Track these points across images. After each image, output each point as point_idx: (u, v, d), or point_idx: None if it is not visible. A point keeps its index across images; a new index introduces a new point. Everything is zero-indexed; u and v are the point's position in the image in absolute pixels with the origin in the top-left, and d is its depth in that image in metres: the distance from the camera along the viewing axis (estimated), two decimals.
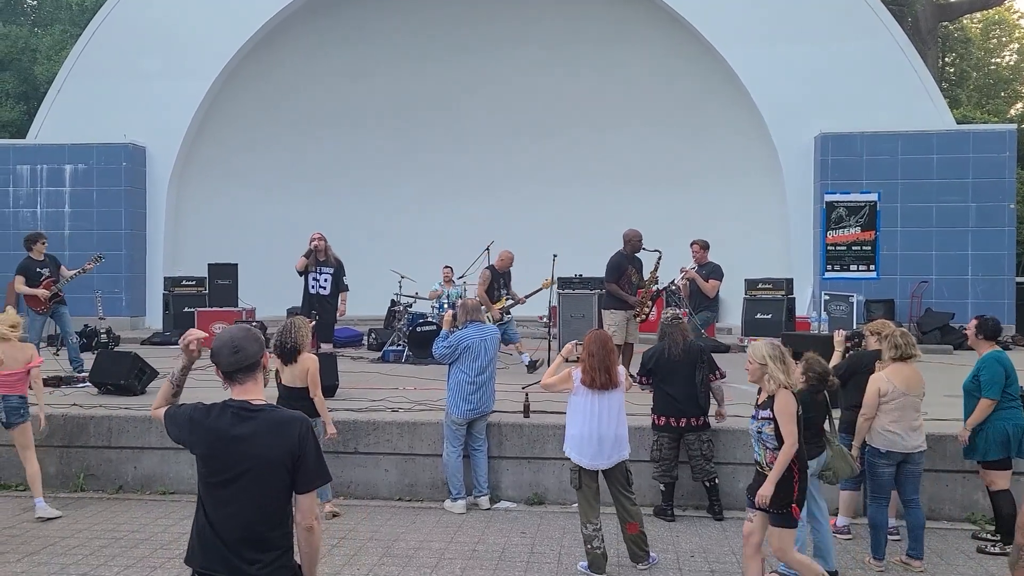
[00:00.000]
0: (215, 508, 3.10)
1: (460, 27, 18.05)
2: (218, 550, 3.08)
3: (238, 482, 3.06)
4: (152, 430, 7.91)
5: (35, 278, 10.16)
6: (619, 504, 5.87)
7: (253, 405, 3.15)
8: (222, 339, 3.21)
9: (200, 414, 3.16)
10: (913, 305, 14.92)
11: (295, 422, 3.17)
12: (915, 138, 15.14)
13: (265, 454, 3.07)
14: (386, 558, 6.08)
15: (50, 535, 6.57)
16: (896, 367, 5.90)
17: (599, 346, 5.81)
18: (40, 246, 10.35)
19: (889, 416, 5.81)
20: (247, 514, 3.07)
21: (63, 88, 17.15)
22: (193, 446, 3.16)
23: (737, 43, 15.92)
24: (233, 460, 3.07)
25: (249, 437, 3.08)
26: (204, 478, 3.13)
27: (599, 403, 5.75)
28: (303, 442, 3.12)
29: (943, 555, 6.23)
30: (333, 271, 10.34)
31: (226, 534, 3.07)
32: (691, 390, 6.91)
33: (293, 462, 3.09)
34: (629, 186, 17.72)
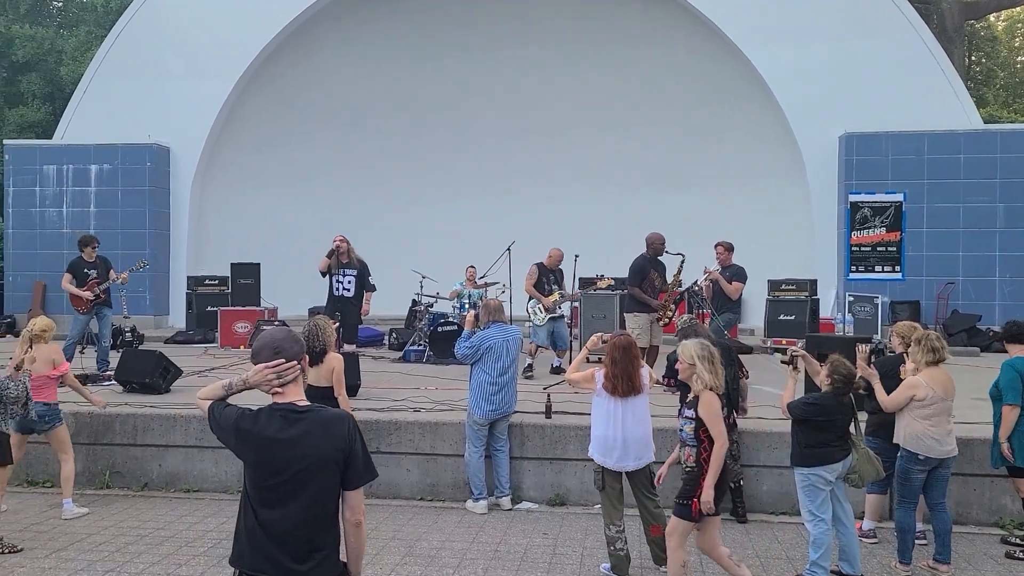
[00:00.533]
0: (267, 510, 3.08)
1: (481, 26, 18.05)
2: (269, 551, 3.07)
3: (291, 483, 3.07)
4: (176, 428, 7.98)
5: (82, 278, 10.48)
6: (643, 506, 5.84)
7: (299, 407, 3.16)
8: (263, 340, 3.22)
9: (247, 422, 3.14)
10: (939, 307, 14.76)
11: (344, 419, 3.20)
12: (941, 138, 14.98)
13: (317, 453, 3.08)
14: (408, 558, 6.09)
15: (77, 531, 6.63)
16: (932, 371, 5.82)
17: (622, 353, 5.74)
18: (91, 249, 10.72)
19: (927, 421, 5.73)
20: (299, 514, 3.07)
21: (88, 89, 17.33)
22: (241, 453, 3.15)
23: (760, 42, 15.82)
24: (285, 463, 3.07)
25: (300, 438, 3.09)
26: (256, 482, 3.11)
27: (623, 408, 5.71)
28: (352, 439, 3.15)
29: (971, 560, 6.15)
30: (357, 273, 10.37)
31: (278, 535, 3.06)
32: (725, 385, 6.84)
33: (344, 459, 3.11)
34: (651, 186, 17.66)
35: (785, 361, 6.07)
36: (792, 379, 5.93)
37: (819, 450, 5.47)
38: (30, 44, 26.00)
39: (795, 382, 5.92)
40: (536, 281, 10.94)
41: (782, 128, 16.03)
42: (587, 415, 7.75)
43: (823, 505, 5.46)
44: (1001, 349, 13.86)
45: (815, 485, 5.47)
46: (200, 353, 13.29)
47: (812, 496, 5.48)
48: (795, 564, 5.91)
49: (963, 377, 10.04)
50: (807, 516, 5.52)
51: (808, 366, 6.14)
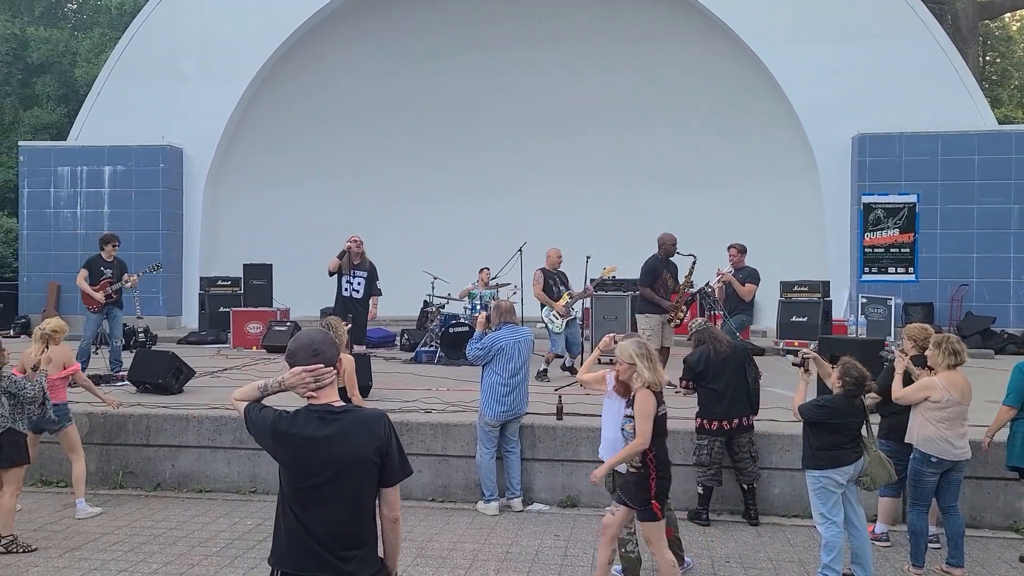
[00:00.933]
0: (307, 510, 3.11)
1: (494, 26, 18.05)
2: (311, 550, 3.10)
3: (331, 483, 3.09)
4: (189, 429, 8.01)
5: (97, 276, 10.56)
6: None
7: (336, 407, 3.19)
8: (301, 341, 3.24)
9: (285, 424, 3.16)
10: (953, 308, 14.68)
11: (380, 418, 3.24)
12: (955, 138, 14.89)
13: (355, 453, 3.11)
14: (420, 559, 6.09)
15: (90, 531, 6.67)
16: (950, 374, 5.79)
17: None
18: (111, 248, 10.77)
19: (941, 424, 5.71)
20: (340, 513, 3.10)
21: (102, 91, 17.43)
22: (278, 455, 3.17)
23: (774, 43, 15.77)
24: (324, 463, 3.09)
25: (338, 438, 3.12)
26: (293, 484, 3.13)
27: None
28: (388, 437, 3.20)
29: (984, 564, 6.11)
30: (367, 275, 10.40)
31: (320, 534, 3.09)
32: (742, 387, 6.84)
33: (381, 457, 3.16)
34: (663, 187, 17.63)
35: (796, 363, 6.06)
36: (803, 381, 5.91)
37: (830, 452, 5.45)
38: (45, 46, 26.17)
39: (806, 384, 5.90)
40: (544, 286, 10.85)
41: (795, 129, 15.97)
42: (598, 416, 7.77)
43: (835, 508, 5.44)
44: (1016, 351, 13.84)
45: (826, 488, 5.45)
46: (213, 354, 13.35)
47: (824, 499, 5.46)
48: (807, 567, 5.89)
49: (977, 379, 9.96)
50: (819, 519, 5.51)
51: (819, 368, 6.12)
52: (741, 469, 6.92)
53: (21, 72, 26.96)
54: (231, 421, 7.93)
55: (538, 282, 10.86)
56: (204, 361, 11.89)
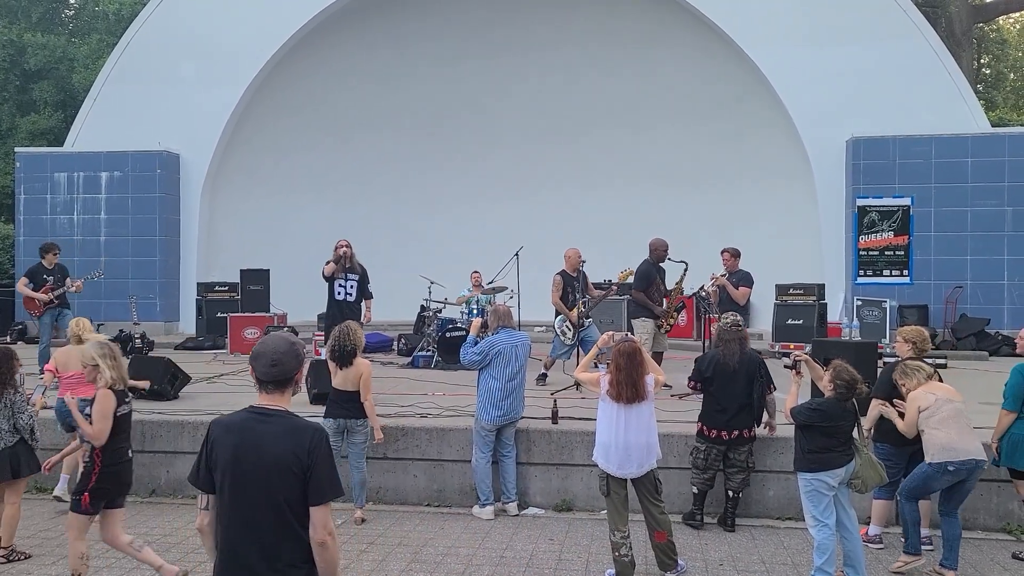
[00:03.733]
0: (232, 517, 3.09)
1: (492, 30, 18.10)
2: (237, 566, 3.08)
3: (252, 486, 3.06)
4: (184, 435, 8.03)
5: (39, 283, 11.30)
6: (648, 512, 5.85)
7: (271, 409, 3.18)
8: (264, 348, 3.24)
9: (224, 419, 3.23)
10: (948, 311, 14.71)
11: (309, 430, 3.17)
12: (949, 141, 14.94)
13: (277, 458, 3.06)
14: (414, 563, 6.11)
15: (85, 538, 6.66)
16: (929, 384, 5.86)
17: (627, 359, 5.74)
18: (52, 256, 11.54)
19: (948, 425, 5.70)
20: (262, 523, 3.06)
21: (99, 97, 17.44)
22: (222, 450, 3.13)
23: (768, 47, 15.82)
24: (248, 462, 3.07)
25: (262, 437, 3.10)
26: (222, 486, 3.11)
27: (626, 414, 5.71)
28: (314, 451, 3.09)
29: (977, 565, 6.14)
30: (359, 278, 10.41)
31: (244, 547, 3.06)
32: (746, 401, 6.78)
33: (303, 470, 3.07)
34: (660, 190, 17.67)
35: (788, 366, 6.09)
36: (795, 383, 5.94)
37: (821, 455, 5.48)
38: (42, 52, 26.20)
39: (798, 387, 5.93)
40: (562, 293, 10.40)
41: (789, 132, 16.01)
42: (594, 420, 7.79)
43: (826, 510, 5.47)
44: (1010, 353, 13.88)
45: (818, 490, 5.47)
46: (210, 359, 13.36)
47: (815, 501, 5.49)
48: (800, 570, 5.92)
49: (971, 381, 10.04)
50: (810, 521, 5.53)
51: (811, 371, 6.15)
52: (730, 475, 6.91)
53: (18, 78, 26.99)
54: None
55: (557, 288, 10.43)
56: (201, 367, 11.90)
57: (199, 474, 3.19)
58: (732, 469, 6.90)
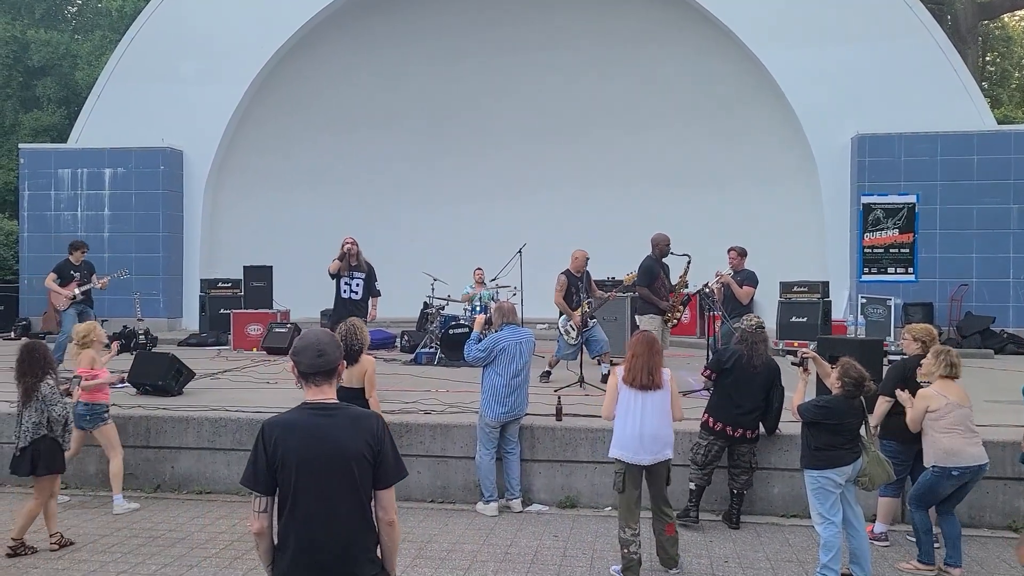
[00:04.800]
0: (303, 509, 3.10)
1: (493, 29, 18.08)
2: (310, 556, 3.10)
3: (326, 479, 3.09)
4: (189, 430, 8.03)
5: (67, 279, 11.40)
6: (657, 506, 5.83)
7: (329, 404, 3.21)
8: (307, 340, 3.25)
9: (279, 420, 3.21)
10: (953, 308, 14.68)
11: (373, 417, 3.27)
12: (955, 139, 14.89)
13: (348, 449, 3.11)
14: (419, 560, 6.10)
15: (90, 533, 6.68)
16: (945, 383, 5.80)
17: (645, 347, 5.78)
18: (79, 253, 11.67)
19: (952, 433, 5.69)
20: (336, 512, 3.10)
21: (102, 93, 17.44)
22: (287, 450, 3.11)
23: (772, 44, 15.79)
24: (317, 458, 3.10)
25: (332, 433, 3.13)
26: (289, 482, 3.11)
27: (642, 400, 5.70)
28: (382, 436, 3.19)
29: (984, 563, 6.12)
30: (364, 276, 10.38)
31: (317, 535, 3.10)
32: (759, 405, 6.73)
33: (374, 456, 3.15)
34: (663, 189, 17.64)
35: (796, 363, 6.07)
36: (803, 381, 5.92)
37: (829, 452, 5.46)
38: (45, 49, 26.21)
39: (805, 384, 5.91)
40: (565, 292, 10.33)
41: (794, 130, 15.98)
42: (598, 417, 7.77)
43: (833, 508, 5.45)
44: (1016, 351, 13.83)
45: (824, 488, 5.46)
46: (213, 355, 13.36)
47: (822, 499, 5.47)
48: (806, 567, 5.90)
49: (977, 379, 10.01)
50: (817, 519, 5.51)
51: (819, 368, 6.12)
52: (735, 476, 6.87)
53: (22, 75, 26.99)
54: (231, 423, 7.95)
55: (561, 288, 10.35)
56: (204, 363, 11.91)
57: (257, 476, 3.14)
58: (737, 469, 6.87)
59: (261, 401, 8.69)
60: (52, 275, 11.46)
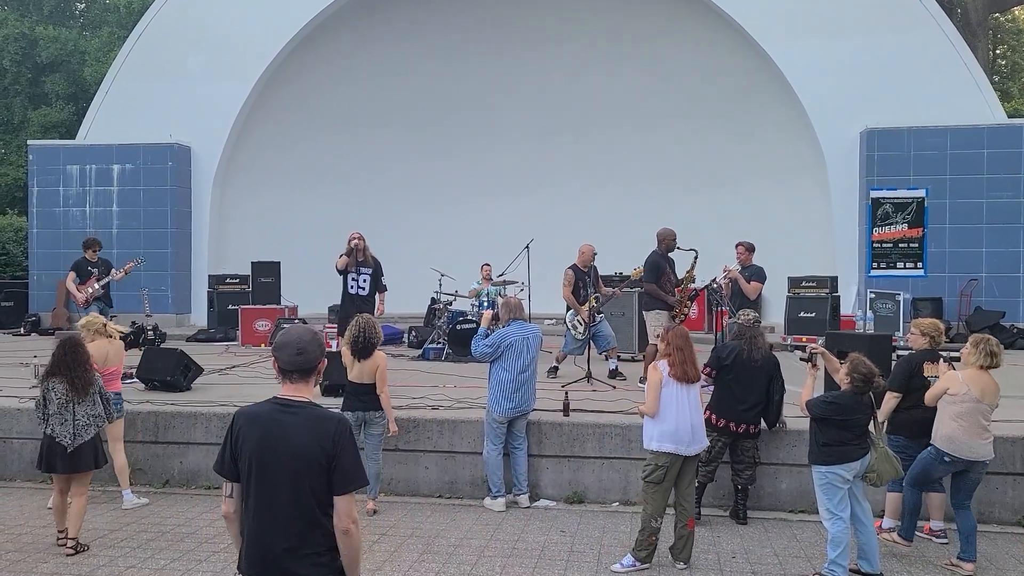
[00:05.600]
0: (257, 504, 3.13)
1: (500, 25, 18.05)
2: (261, 551, 3.12)
3: (277, 476, 3.10)
4: (197, 426, 8.06)
5: (85, 276, 11.53)
6: (685, 498, 5.91)
7: (295, 401, 3.21)
8: (289, 337, 3.26)
9: (249, 410, 3.25)
10: (962, 303, 14.61)
11: (333, 420, 3.21)
12: (965, 132, 14.80)
13: (301, 447, 3.10)
14: (427, 555, 6.11)
15: (99, 528, 6.71)
16: (976, 373, 5.76)
17: (684, 341, 5.94)
18: (92, 252, 11.83)
19: (959, 421, 5.66)
20: (286, 511, 3.10)
21: (111, 90, 17.47)
22: (247, 440, 3.16)
23: (781, 38, 15.71)
24: (273, 453, 3.11)
25: (288, 428, 3.13)
26: (247, 475, 3.15)
27: (687, 393, 5.84)
28: (339, 441, 3.13)
29: (993, 559, 6.09)
30: (372, 271, 10.39)
31: (268, 533, 3.10)
32: (761, 399, 6.74)
33: (327, 460, 3.11)
34: (671, 184, 17.58)
35: (804, 359, 6.05)
36: (811, 376, 5.91)
37: (837, 448, 5.45)
38: (53, 45, 26.29)
39: (814, 379, 5.90)
40: (573, 287, 10.31)
41: (803, 124, 15.92)
42: (605, 413, 7.81)
43: (841, 503, 5.44)
44: None
45: (832, 483, 5.45)
46: (221, 351, 13.40)
47: (830, 494, 5.46)
48: (814, 563, 5.89)
49: None
50: (825, 514, 5.51)
51: (828, 364, 6.11)
52: (739, 471, 6.86)
53: (30, 71, 27.09)
54: None
55: (568, 283, 10.33)
56: (212, 359, 11.94)
57: (224, 463, 3.23)
58: (740, 465, 6.85)
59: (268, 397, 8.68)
60: (71, 274, 11.61)
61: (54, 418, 6.11)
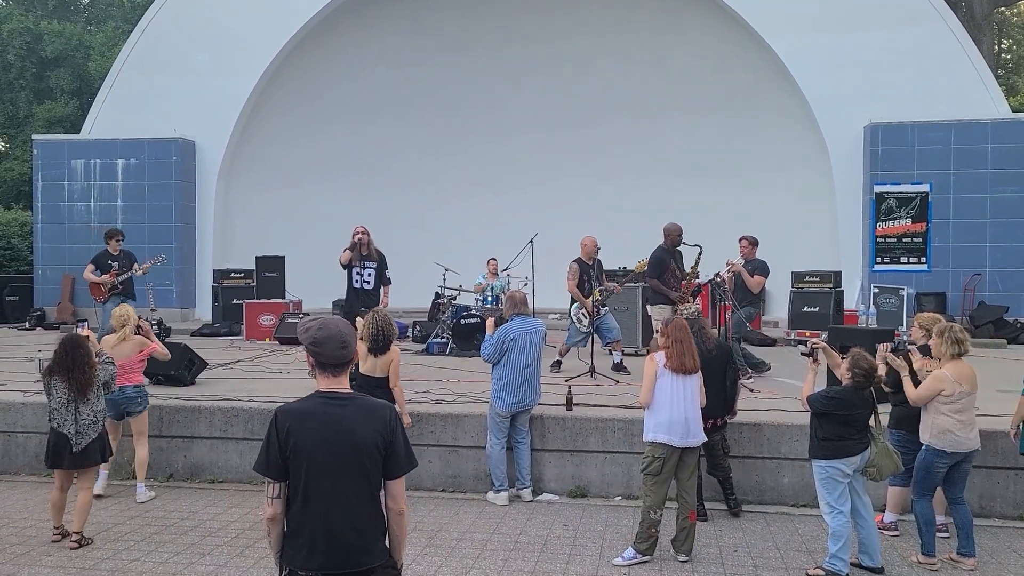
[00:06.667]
0: (314, 498, 3.13)
1: (505, 18, 18.06)
2: (318, 541, 3.13)
3: (336, 469, 3.13)
4: (201, 420, 8.09)
5: (105, 269, 11.11)
6: (686, 491, 5.90)
7: (343, 394, 3.23)
8: (330, 332, 3.23)
9: (293, 407, 3.21)
10: (966, 298, 14.61)
11: (386, 408, 3.28)
12: (969, 127, 14.79)
13: (361, 439, 3.15)
14: (429, 548, 6.13)
15: (103, 521, 6.74)
16: (957, 366, 5.75)
17: (684, 333, 5.94)
18: (115, 242, 11.38)
19: (956, 416, 5.66)
20: (347, 501, 3.14)
21: (115, 84, 17.52)
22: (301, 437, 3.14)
23: (785, 32, 15.70)
24: (329, 447, 3.13)
25: (345, 423, 3.15)
26: (299, 471, 3.14)
27: (684, 385, 5.83)
28: (394, 428, 3.23)
29: (994, 554, 6.10)
30: (376, 265, 10.40)
31: (327, 523, 3.12)
32: (721, 390, 6.67)
33: (386, 447, 3.19)
34: (676, 177, 17.60)
35: (805, 353, 6.06)
36: (812, 371, 5.91)
37: (837, 443, 5.46)
38: (58, 40, 26.32)
39: (815, 374, 5.90)
40: (578, 280, 10.29)
41: (807, 118, 15.91)
42: (608, 407, 7.82)
43: (841, 498, 5.45)
44: None
45: (833, 478, 5.46)
46: (226, 346, 13.44)
47: (830, 489, 5.48)
48: (815, 556, 5.90)
49: (989, 369, 9.96)
50: (825, 508, 5.52)
51: (829, 359, 6.11)
52: (715, 465, 6.82)
53: (35, 66, 27.13)
54: (243, 412, 8.01)
55: (573, 276, 10.33)
56: (217, 353, 11.97)
57: (269, 462, 3.17)
58: (714, 459, 6.78)
59: (273, 391, 8.74)
60: (90, 266, 11.20)
61: (57, 415, 6.15)
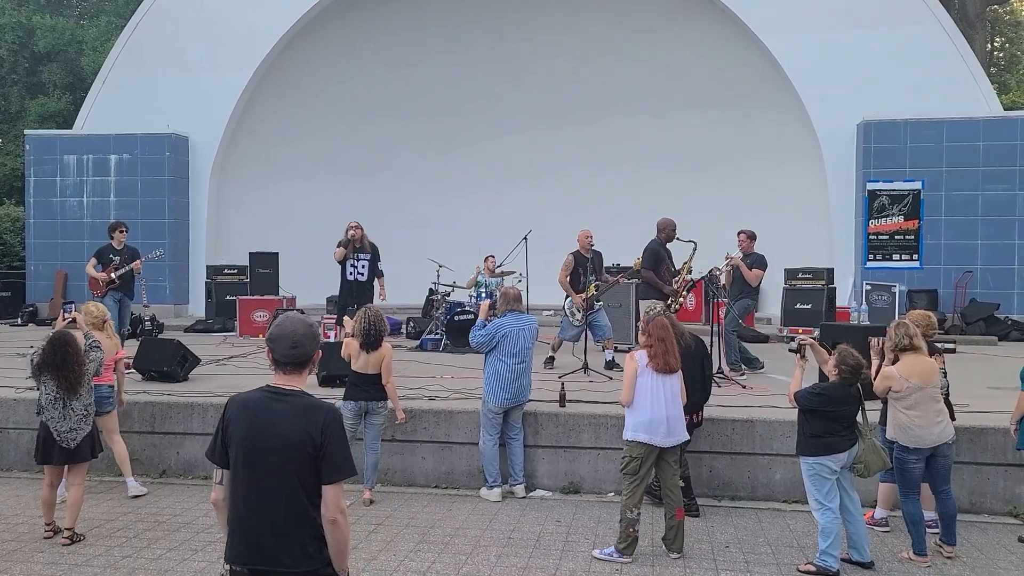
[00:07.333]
0: (244, 492, 3.14)
1: (503, 14, 18.03)
2: (248, 539, 3.13)
3: (264, 463, 3.10)
4: (194, 416, 8.09)
5: (106, 263, 10.82)
6: (671, 489, 5.91)
7: (286, 389, 3.21)
8: (284, 330, 3.23)
9: (241, 398, 3.24)
10: (957, 295, 14.67)
11: (323, 409, 3.20)
12: (961, 125, 14.84)
13: (290, 436, 3.10)
14: (422, 544, 6.15)
15: (95, 518, 6.74)
16: (909, 361, 5.76)
17: (666, 331, 5.92)
18: (119, 235, 11.03)
19: (911, 412, 5.69)
20: (273, 498, 3.10)
21: (108, 79, 17.46)
22: (237, 427, 3.16)
23: (779, 30, 15.72)
24: (262, 440, 3.11)
25: (277, 416, 3.13)
26: (235, 461, 3.16)
27: (664, 384, 5.82)
28: (328, 431, 3.12)
29: (983, 549, 6.14)
30: (369, 257, 10.42)
31: (255, 520, 3.11)
32: (699, 382, 6.65)
33: (315, 448, 3.10)
34: (670, 174, 17.62)
35: (793, 350, 6.08)
36: (800, 368, 5.93)
37: (824, 439, 5.49)
38: (51, 34, 26.20)
39: (803, 371, 5.93)
40: (572, 272, 10.25)
41: (800, 116, 15.94)
42: (601, 403, 7.84)
43: (829, 494, 5.49)
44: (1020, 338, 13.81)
45: (820, 474, 5.50)
46: (219, 342, 13.42)
47: (818, 485, 5.51)
48: (806, 552, 5.93)
49: (980, 366, 10.02)
50: (814, 505, 5.56)
51: (816, 355, 6.13)
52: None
53: (27, 60, 27.00)
54: None
55: (566, 268, 10.28)
56: (210, 349, 11.97)
57: (215, 449, 3.24)
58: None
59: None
60: (92, 260, 10.92)
61: (46, 411, 6.16)
